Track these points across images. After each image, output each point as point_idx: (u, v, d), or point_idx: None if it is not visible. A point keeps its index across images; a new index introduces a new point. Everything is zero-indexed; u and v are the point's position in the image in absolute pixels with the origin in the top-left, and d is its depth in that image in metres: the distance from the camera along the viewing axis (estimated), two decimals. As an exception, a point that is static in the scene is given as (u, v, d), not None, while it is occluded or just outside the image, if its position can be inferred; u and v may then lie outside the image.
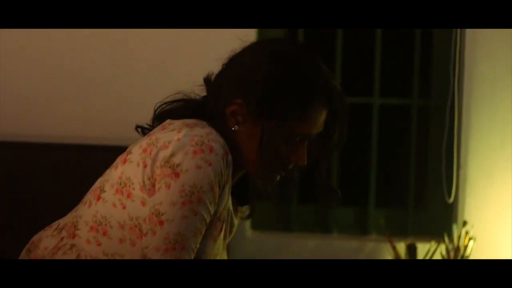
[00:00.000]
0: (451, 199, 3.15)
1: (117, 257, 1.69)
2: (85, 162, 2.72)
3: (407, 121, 3.31)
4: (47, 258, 1.74)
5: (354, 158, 3.33)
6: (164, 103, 1.81)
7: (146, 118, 1.85)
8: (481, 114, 3.12)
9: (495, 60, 3.09)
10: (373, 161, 3.32)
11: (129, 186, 1.67)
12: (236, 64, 1.76)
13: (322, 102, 1.72)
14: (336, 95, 1.74)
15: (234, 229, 1.86)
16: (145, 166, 1.66)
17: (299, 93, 1.69)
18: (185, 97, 1.81)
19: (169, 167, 1.62)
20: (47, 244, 1.77)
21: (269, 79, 1.69)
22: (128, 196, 1.68)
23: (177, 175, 1.61)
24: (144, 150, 1.67)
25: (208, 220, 1.66)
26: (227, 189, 1.71)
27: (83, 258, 1.71)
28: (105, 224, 1.70)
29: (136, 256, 1.67)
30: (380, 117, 3.30)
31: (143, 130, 1.83)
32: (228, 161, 1.65)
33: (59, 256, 1.73)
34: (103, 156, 1.92)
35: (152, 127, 1.81)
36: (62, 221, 1.81)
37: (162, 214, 1.62)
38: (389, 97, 3.32)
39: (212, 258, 1.74)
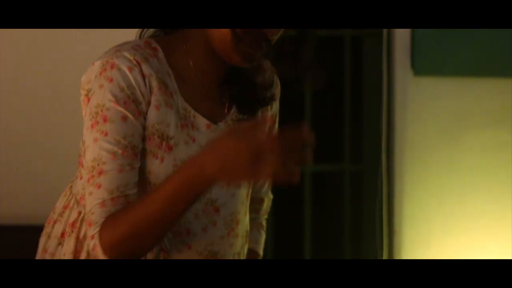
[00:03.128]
0: (387, 266, 3.11)
1: None
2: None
3: (340, 186, 3.30)
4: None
5: (287, 221, 3.27)
6: None
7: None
8: (415, 178, 3.10)
9: (425, 124, 3.08)
10: (307, 232, 3.26)
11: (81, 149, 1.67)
12: None
13: None
14: None
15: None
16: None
17: None
18: None
19: (85, 95, 1.62)
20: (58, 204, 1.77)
21: None
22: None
23: (88, 100, 1.60)
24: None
25: (127, 138, 1.56)
26: (164, 100, 1.61)
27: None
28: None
29: None
30: (313, 184, 3.26)
31: None
32: (142, 71, 1.58)
33: (66, 215, 1.71)
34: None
35: None
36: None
37: (84, 143, 1.60)
38: (321, 163, 3.29)
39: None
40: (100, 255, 1.54)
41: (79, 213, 1.69)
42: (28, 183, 3.01)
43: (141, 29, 1.71)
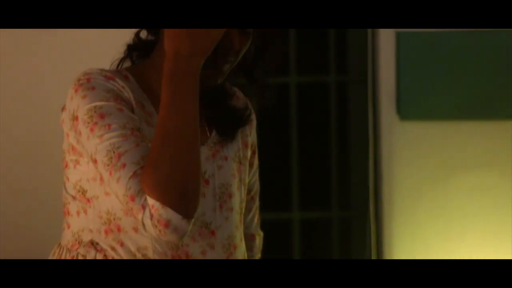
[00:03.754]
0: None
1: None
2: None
3: (328, 231, 3.28)
4: None
5: None
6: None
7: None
8: (403, 223, 3.10)
9: (412, 168, 3.08)
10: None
11: (62, 159, 1.66)
12: None
13: None
14: None
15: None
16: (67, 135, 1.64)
17: None
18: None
19: (70, 119, 1.61)
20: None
21: None
22: (65, 166, 1.67)
23: (76, 118, 1.59)
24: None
25: (130, 123, 1.56)
26: (143, 117, 1.62)
27: None
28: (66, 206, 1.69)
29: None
30: (301, 232, 3.25)
31: None
32: (118, 83, 1.60)
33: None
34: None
35: None
36: None
37: (92, 155, 1.57)
38: (308, 210, 3.28)
39: None
40: (162, 213, 1.48)
41: (73, 257, 1.67)
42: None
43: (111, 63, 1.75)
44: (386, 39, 3.08)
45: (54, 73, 2.91)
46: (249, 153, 1.83)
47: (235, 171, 1.75)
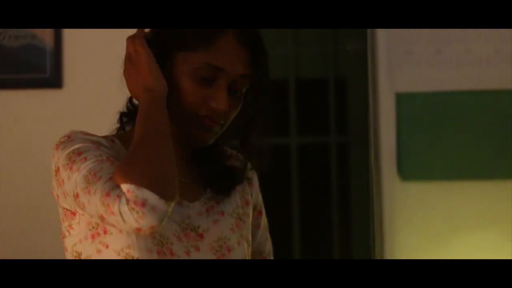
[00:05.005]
0: None
1: None
2: None
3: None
4: None
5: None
6: None
7: None
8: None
9: (414, 228, 3.09)
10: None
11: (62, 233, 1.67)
12: None
13: (231, 33, 1.63)
14: (247, 30, 1.65)
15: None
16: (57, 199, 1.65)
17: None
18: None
19: (54, 176, 1.61)
20: None
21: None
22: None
23: (58, 170, 1.59)
24: None
25: (105, 154, 1.57)
26: None
27: None
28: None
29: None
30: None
31: None
32: (100, 141, 1.60)
33: None
34: None
35: None
36: None
37: (74, 190, 1.56)
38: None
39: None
40: (138, 194, 1.48)
41: None
42: None
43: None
44: (386, 100, 3.11)
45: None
46: (250, 212, 1.80)
47: (234, 226, 1.72)
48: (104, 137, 1.66)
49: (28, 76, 3.02)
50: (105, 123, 1.84)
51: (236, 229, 1.72)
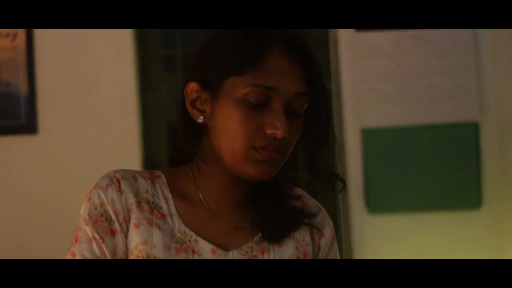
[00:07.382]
0: None
1: None
2: None
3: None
4: None
5: None
6: None
7: None
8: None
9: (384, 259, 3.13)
10: None
11: None
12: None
13: (278, 49, 1.45)
14: (295, 42, 1.46)
15: None
16: None
17: (246, 41, 1.45)
18: None
19: None
20: None
21: (207, 41, 1.49)
22: None
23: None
24: None
25: (98, 248, 1.50)
26: (146, 219, 1.51)
27: None
28: None
29: None
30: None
31: None
32: (120, 188, 1.51)
33: None
34: None
35: None
36: None
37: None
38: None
39: None
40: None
41: None
42: None
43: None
44: (351, 135, 3.16)
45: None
46: None
47: None
48: (151, 172, 1.56)
49: (3, 123, 3.07)
50: (80, 168, 1.90)
51: None
